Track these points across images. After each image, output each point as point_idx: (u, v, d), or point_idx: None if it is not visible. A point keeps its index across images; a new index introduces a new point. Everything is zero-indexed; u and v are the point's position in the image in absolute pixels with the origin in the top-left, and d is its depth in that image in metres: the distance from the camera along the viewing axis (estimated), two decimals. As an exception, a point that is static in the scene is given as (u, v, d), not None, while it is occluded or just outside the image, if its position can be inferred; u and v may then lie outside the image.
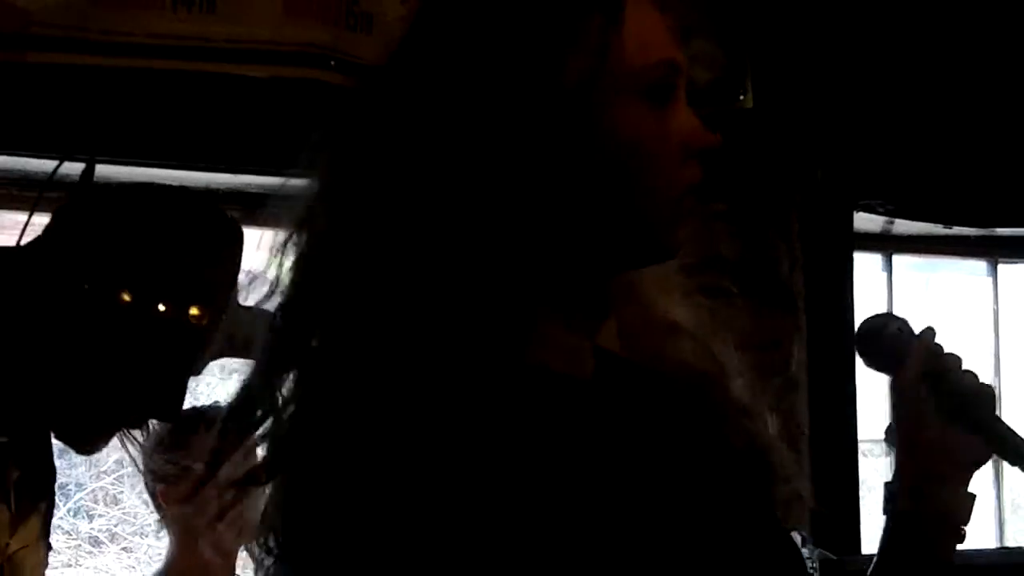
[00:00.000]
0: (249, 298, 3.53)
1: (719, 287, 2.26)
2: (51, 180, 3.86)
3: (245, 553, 4.68)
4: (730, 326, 2.16)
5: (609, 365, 1.91)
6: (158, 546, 4.85)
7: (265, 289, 2.16)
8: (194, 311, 3.14)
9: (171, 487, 4.53)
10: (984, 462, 2.25)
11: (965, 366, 2.19)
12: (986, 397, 2.20)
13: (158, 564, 4.77)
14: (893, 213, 5.50)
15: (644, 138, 1.82)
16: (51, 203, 3.76)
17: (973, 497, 2.22)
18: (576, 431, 1.73)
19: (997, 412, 2.22)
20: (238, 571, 4.68)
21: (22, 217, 3.77)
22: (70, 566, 7.98)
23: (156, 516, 4.72)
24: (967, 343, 6.27)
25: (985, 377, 5.57)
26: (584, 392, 1.83)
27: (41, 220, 3.73)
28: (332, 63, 4.54)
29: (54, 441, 3.37)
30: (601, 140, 1.80)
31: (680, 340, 2.00)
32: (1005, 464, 2.23)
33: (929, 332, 2.17)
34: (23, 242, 3.57)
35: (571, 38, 1.79)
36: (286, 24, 4.50)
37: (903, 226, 5.86)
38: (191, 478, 4.15)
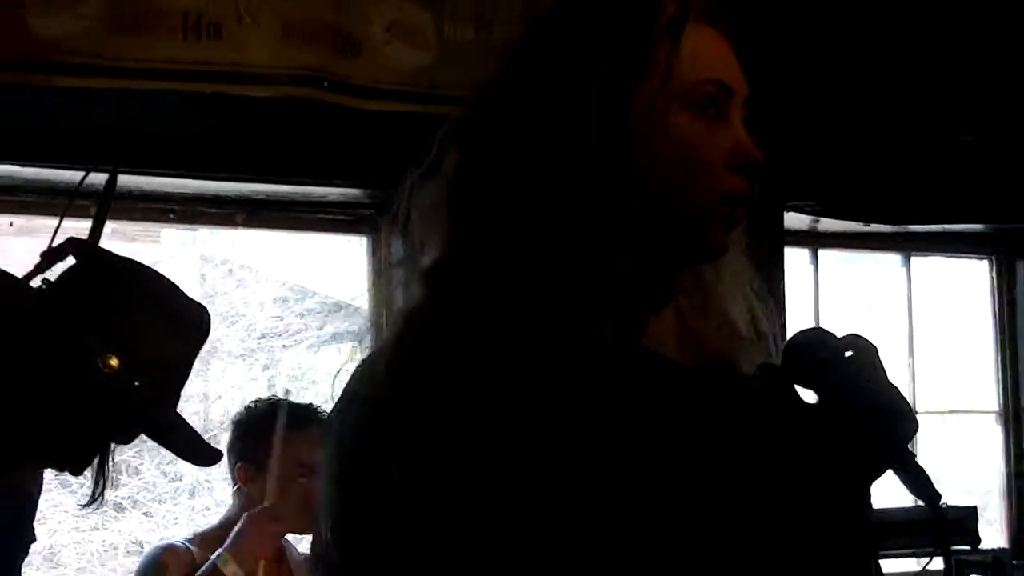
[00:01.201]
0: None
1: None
2: (79, 189, 3.84)
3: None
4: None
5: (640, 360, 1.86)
6: (174, 511, 4.83)
7: None
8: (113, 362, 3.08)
9: (248, 467, 4.49)
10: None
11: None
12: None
13: (175, 527, 4.72)
14: (819, 212, 5.51)
15: (692, 144, 1.83)
16: (79, 209, 3.77)
17: None
18: (595, 406, 1.73)
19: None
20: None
21: (53, 222, 3.77)
22: (97, 529, 7.94)
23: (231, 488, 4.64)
24: (884, 328, 6.29)
25: (900, 357, 5.54)
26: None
27: (70, 225, 3.74)
28: (325, 83, 4.54)
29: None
30: (656, 144, 1.81)
31: (744, 347, 1.98)
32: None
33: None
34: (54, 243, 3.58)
35: (644, 64, 1.81)
36: (283, 50, 4.48)
37: (827, 224, 5.88)
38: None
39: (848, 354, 1.88)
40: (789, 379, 1.90)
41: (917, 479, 1.93)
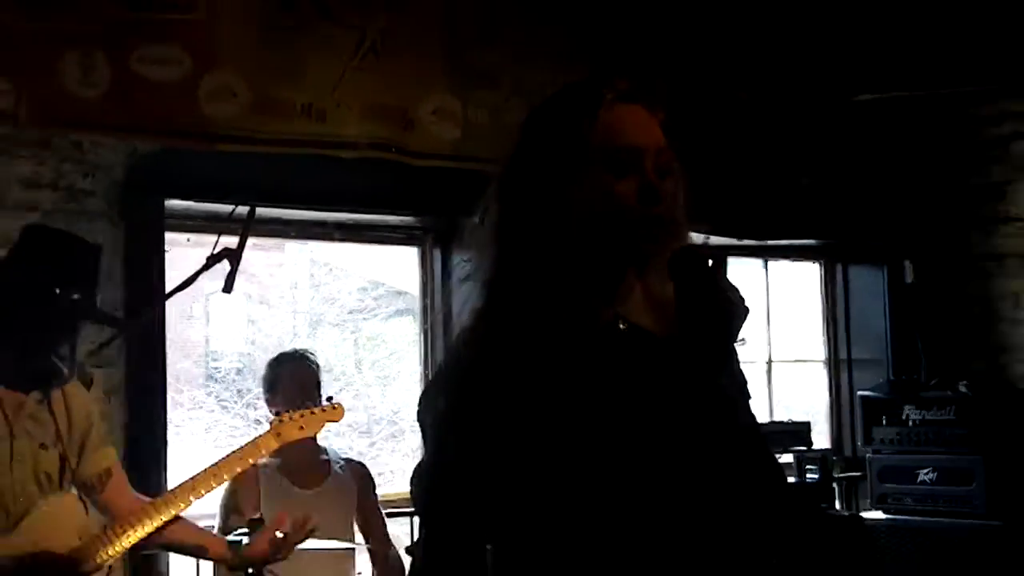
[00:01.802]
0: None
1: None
2: (231, 216, 3.78)
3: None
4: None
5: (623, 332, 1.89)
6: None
7: None
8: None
9: (269, 396, 4.49)
10: None
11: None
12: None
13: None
14: (711, 231, 5.41)
15: (601, 196, 1.83)
16: (231, 230, 3.70)
17: None
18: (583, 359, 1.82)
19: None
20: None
21: (213, 239, 3.72)
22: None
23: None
24: (752, 309, 6.26)
25: (761, 329, 5.40)
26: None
27: (225, 240, 3.67)
28: (392, 149, 4.51)
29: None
30: (589, 195, 1.84)
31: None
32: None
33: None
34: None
35: (574, 138, 1.86)
36: (365, 126, 4.46)
37: (715, 239, 5.80)
38: None
39: (710, 262, 1.81)
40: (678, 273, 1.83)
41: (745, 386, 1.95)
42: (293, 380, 4.43)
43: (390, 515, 4.72)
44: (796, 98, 5.79)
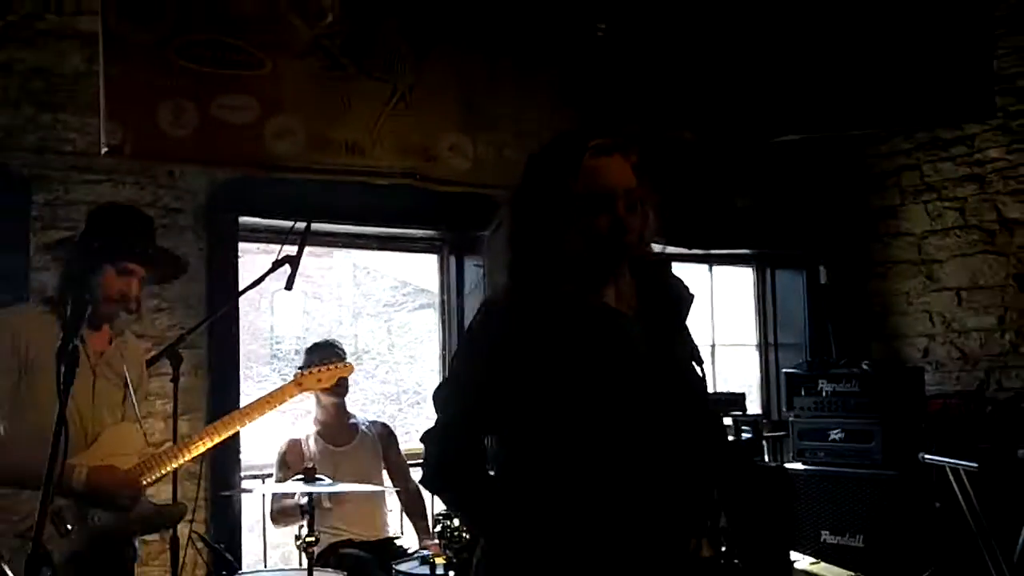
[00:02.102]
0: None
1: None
2: (291, 230, 3.80)
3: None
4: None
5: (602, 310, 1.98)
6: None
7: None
8: None
9: None
10: None
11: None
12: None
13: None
14: (665, 243, 5.40)
15: (582, 230, 1.92)
16: (291, 241, 3.72)
17: None
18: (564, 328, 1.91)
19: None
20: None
21: (276, 248, 3.75)
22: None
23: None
24: (698, 306, 6.26)
25: (706, 320, 5.37)
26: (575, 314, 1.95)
27: (286, 249, 3.70)
28: (417, 176, 4.49)
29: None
30: (569, 228, 1.93)
31: None
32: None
33: None
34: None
35: (561, 184, 1.94)
36: (396, 158, 4.43)
37: (669, 249, 5.81)
38: None
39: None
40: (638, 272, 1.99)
41: (696, 353, 2.02)
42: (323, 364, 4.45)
43: (414, 466, 4.76)
44: (732, 138, 5.79)
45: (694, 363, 1.99)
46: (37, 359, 2.87)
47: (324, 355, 4.45)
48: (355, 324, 8.28)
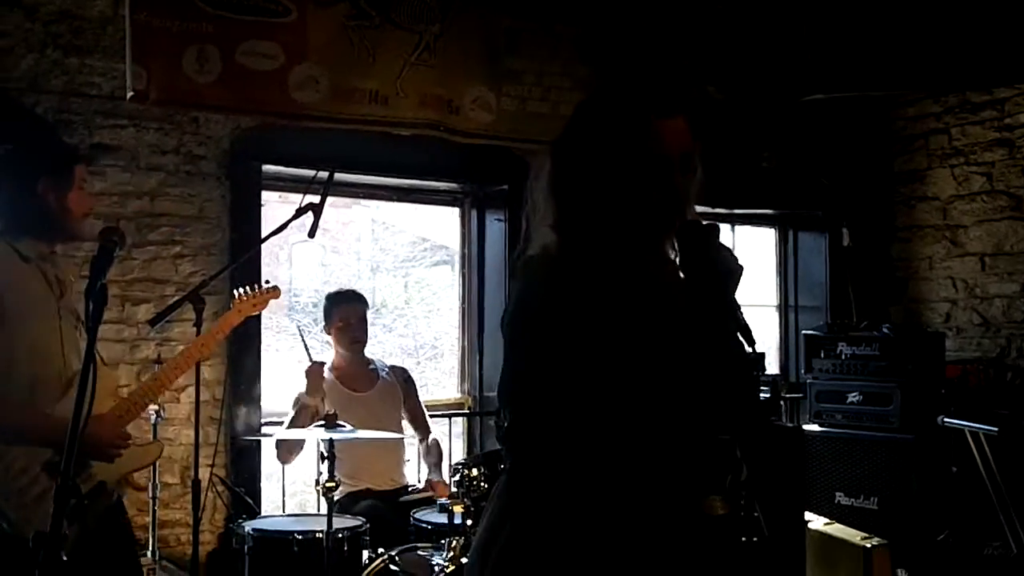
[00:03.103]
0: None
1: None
2: (314, 179, 3.82)
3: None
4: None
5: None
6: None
7: None
8: None
9: (327, 325, 4.53)
10: None
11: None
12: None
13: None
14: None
15: (642, 192, 1.83)
16: (314, 190, 3.74)
17: None
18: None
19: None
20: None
21: (299, 197, 3.76)
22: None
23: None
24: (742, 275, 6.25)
25: None
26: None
27: (309, 198, 3.71)
28: (441, 128, 4.50)
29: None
30: (639, 183, 1.84)
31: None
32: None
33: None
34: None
35: (622, 142, 1.84)
36: (419, 110, 4.45)
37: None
38: None
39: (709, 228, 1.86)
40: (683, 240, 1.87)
41: (746, 327, 1.85)
42: (344, 313, 4.47)
43: (434, 416, 4.80)
44: (758, 98, 5.77)
45: (741, 337, 1.86)
46: (11, 305, 2.71)
47: (346, 306, 4.47)
48: (373, 278, 8.31)
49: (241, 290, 3.66)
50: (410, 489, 4.47)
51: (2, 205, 2.86)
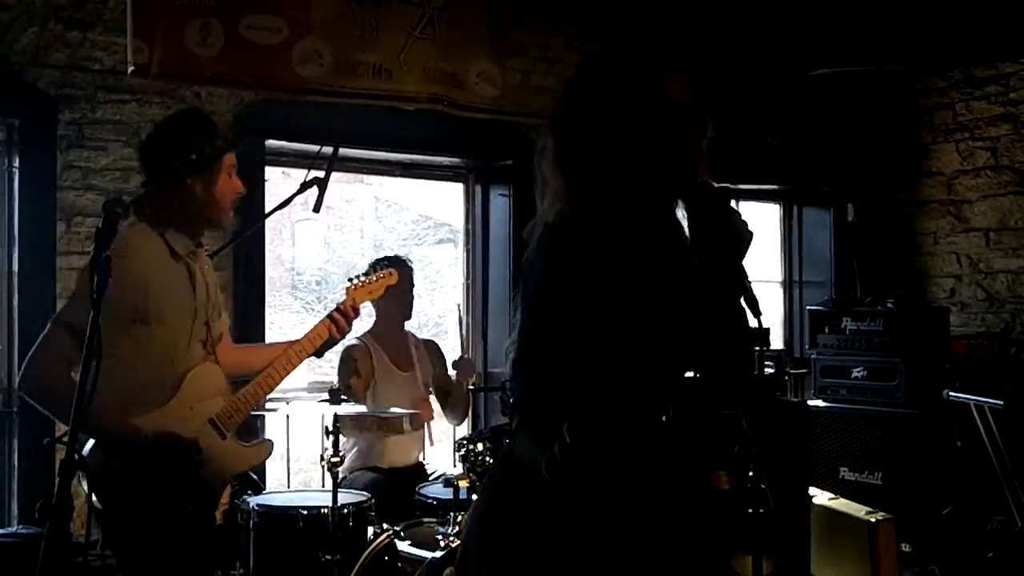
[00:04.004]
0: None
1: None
2: (318, 154, 3.79)
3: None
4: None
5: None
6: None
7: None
8: None
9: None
10: None
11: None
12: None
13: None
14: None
15: (656, 144, 1.81)
16: (317, 165, 3.70)
17: None
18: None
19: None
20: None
21: (302, 173, 3.72)
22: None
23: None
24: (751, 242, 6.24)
25: None
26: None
27: (313, 173, 3.68)
28: (444, 103, 4.46)
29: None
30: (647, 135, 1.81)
31: None
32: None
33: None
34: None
35: (627, 97, 1.82)
36: (423, 84, 4.41)
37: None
38: None
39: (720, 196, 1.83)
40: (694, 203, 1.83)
41: (752, 296, 1.85)
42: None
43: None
44: (763, 71, 5.73)
45: (747, 306, 1.86)
46: (155, 304, 2.65)
47: (397, 266, 4.40)
48: (376, 256, 8.30)
49: (355, 279, 3.43)
50: (426, 467, 4.46)
51: (149, 194, 2.77)
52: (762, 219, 6.50)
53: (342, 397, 3.62)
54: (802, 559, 4.09)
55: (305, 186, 3.71)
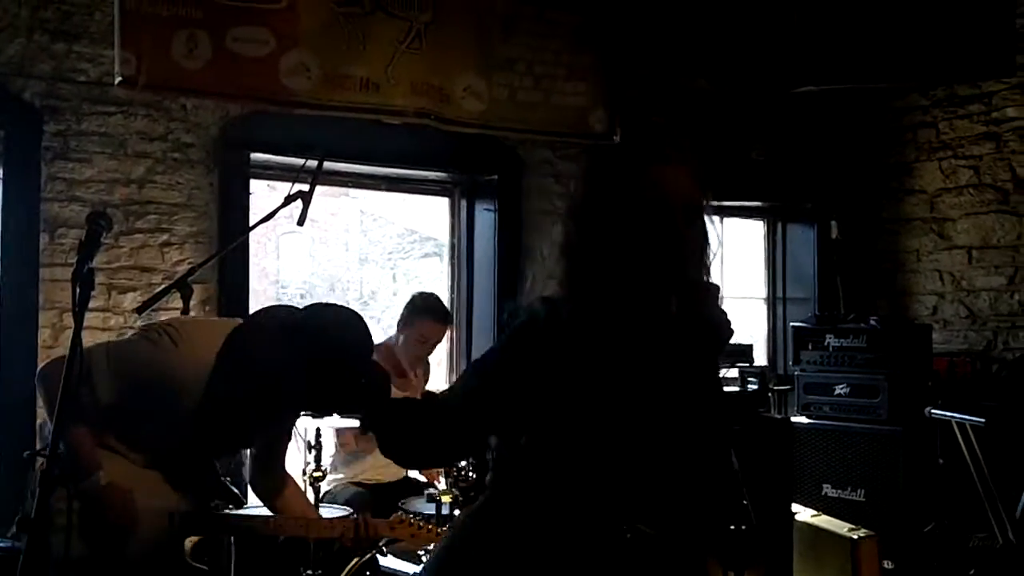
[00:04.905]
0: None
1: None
2: (303, 168, 3.77)
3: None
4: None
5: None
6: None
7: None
8: None
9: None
10: None
11: None
12: None
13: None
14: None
15: (643, 242, 1.80)
16: (302, 179, 3.69)
17: None
18: None
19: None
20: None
21: (288, 186, 3.72)
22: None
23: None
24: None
25: (717, 271, 5.26)
26: None
27: (298, 186, 3.66)
28: (432, 117, 4.46)
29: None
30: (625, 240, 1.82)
31: None
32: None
33: None
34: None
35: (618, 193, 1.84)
36: (411, 98, 4.41)
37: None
38: None
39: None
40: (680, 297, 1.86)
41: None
42: (430, 331, 4.31)
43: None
44: (748, 88, 5.76)
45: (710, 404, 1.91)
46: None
47: (435, 319, 4.32)
48: (361, 270, 8.29)
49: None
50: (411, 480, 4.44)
51: None
52: (746, 236, 6.51)
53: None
54: (785, 575, 4.09)
55: (290, 199, 3.69)
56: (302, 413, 2.89)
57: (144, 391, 2.36)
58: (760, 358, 6.23)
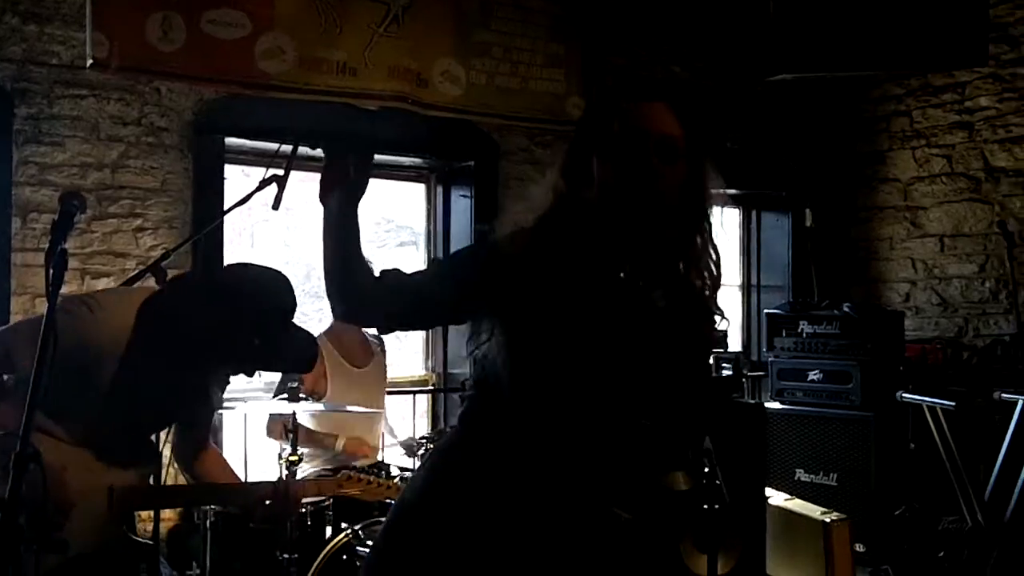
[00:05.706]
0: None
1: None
2: (277, 152, 3.74)
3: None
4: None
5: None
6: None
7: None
8: None
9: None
10: None
11: None
12: None
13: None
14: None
15: (616, 175, 1.83)
16: (277, 163, 3.66)
17: None
18: None
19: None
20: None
21: (260, 171, 3.69)
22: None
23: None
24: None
25: None
26: None
27: (271, 170, 3.63)
28: (409, 101, 4.44)
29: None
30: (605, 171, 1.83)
31: None
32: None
33: None
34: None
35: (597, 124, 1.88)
36: (388, 82, 4.38)
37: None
38: None
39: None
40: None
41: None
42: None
43: (399, 393, 4.75)
44: (722, 76, 5.77)
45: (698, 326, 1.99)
46: None
47: None
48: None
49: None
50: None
51: None
52: (720, 223, 6.53)
53: (301, 396, 3.60)
54: (758, 559, 4.11)
55: (264, 183, 3.66)
56: (226, 375, 2.87)
57: (63, 361, 2.32)
58: (735, 344, 6.26)
